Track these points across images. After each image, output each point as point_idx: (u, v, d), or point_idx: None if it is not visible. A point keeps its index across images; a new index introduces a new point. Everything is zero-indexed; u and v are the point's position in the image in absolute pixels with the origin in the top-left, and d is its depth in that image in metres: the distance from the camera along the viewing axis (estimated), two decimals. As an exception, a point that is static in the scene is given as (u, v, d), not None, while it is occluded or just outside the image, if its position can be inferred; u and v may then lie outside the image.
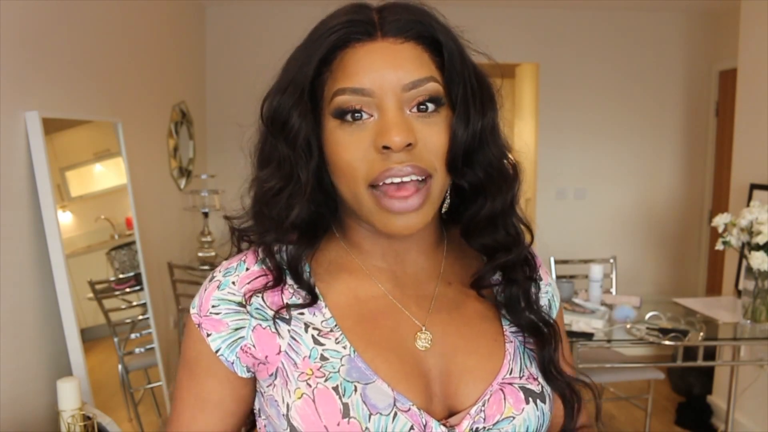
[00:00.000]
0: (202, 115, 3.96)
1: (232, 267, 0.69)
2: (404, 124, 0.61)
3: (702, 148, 4.26)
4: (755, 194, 2.89)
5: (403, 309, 0.69)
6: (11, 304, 1.80)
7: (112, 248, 2.42)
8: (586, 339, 2.32)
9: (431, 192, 0.63)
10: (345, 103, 0.62)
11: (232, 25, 4.03)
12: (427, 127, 0.62)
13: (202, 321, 0.67)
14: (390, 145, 0.60)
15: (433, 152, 0.63)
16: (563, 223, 4.29)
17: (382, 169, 0.61)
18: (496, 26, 4.08)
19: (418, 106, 0.62)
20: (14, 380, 1.80)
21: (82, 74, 2.31)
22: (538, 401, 0.68)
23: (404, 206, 0.61)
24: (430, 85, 0.62)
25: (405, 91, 0.61)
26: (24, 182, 1.89)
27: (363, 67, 0.61)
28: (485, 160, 0.66)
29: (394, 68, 0.61)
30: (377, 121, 0.61)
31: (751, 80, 3.09)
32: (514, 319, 0.72)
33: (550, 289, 0.80)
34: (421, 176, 0.62)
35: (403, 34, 0.63)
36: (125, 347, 2.38)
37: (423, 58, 0.63)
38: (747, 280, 2.49)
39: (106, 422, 1.70)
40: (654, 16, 4.16)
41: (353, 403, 0.62)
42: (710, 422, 3.35)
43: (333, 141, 0.63)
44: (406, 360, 0.66)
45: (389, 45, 0.62)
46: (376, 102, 0.61)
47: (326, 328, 0.66)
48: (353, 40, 0.63)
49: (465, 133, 0.64)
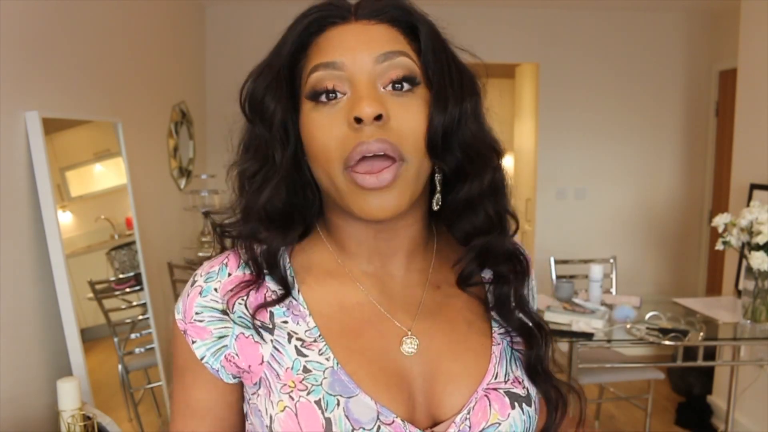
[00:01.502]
0: (202, 115, 3.96)
1: (214, 271, 0.67)
2: (375, 97, 0.60)
3: (702, 148, 4.27)
4: (755, 194, 2.89)
5: (389, 316, 0.68)
6: (11, 304, 1.80)
7: (112, 248, 2.42)
8: (586, 339, 2.32)
9: (404, 173, 0.61)
10: (318, 82, 0.62)
11: (232, 25, 4.03)
12: (402, 107, 0.61)
13: (187, 327, 0.66)
14: (360, 116, 0.59)
15: (408, 133, 0.61)
16: (563, 223, 4.29)
17: (353, 145, 0.60)
18: (496, 26, 4.08)
19: (393, 84, 0.62)
20: (14, 380, 1.80)
21: (82, 74, 2.31)
22: (524, 405, 0.67)
23: (377, 182, 0.60)
24: (404, 60, 0.62)
25: (377, 64, 0.61)
26: (24, 182, 1.89)
27: (334, 43, 0.62)
28: (463, 142, 0.64)
29: (365, 42, 0.62)
30: (350, 97, 0.61)
31: (751, 80, 3.09)
32: (504, 320, 0.71)
33: (533, 286, 0.79)
34: (393, 153, 0.60)
35: (376, 17, 0.64)
36: (125, 347, 2.38)
37: (397, 38, 0.64)
38: (747, 280, 2.49)
39: (106, 422, 1.70)
40: (654, 16, 4.16)
41: (335, 417, 0.61)
42: (710, 422, 3.35)
43: (309, 123, 0.63)
44: (390, 370, 0.65)
45: (362, 25, 0.63)
46: (347, 76, 0.61)
47: (310, 338, 0.65)
48: (328, 24, 0.64)
49: (442, 117, 0.62)
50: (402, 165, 0.61)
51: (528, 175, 4.53)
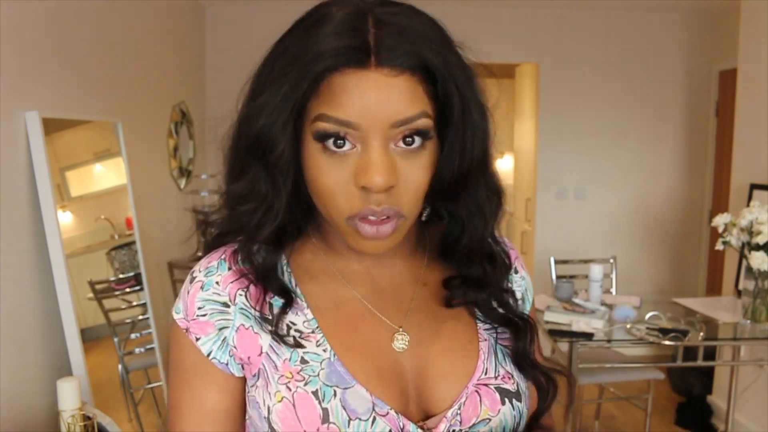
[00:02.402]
0: (202, 115, 3.96)
1: (213, 266, 0.68)
2: (387, 164, 0.58)
3: (702, 148, 4.26)
4: (755, 194, 2.89)
5: (379, 313, 0.69)
6: (11, 304, 1.80)
7: (112, 248, 2.42)
8: (586, 339, 2.32)
9: (401, 227, 0.63)
10: (329, 130, 0.58)
11: (232, 25, 4.03)
12: (410, 164, 0.60)
13: (189, 325, 0.66)
14: (371, 188, 0.58)
15: (413, 190, 0.61)
16: (563, 223, 4.29)
17: (361, 207, 0.60)
18: (496, 26, 4.08)
19: (404, 139, 0.59)
20: (14, 380, 1.80)
21: (82, 74, 2.31)
22: (514, 401, 0.68)
23: (376, 233, 0.61)
24: (421, 122, 0.59)
25: (393, 129, 0.58)
26: (24, 182, 1.89)
27: (351, 98, 0.57)
28: (468, 199, 0.66)
29: (385, 104, 0.57)
30: (360, 156, 0.59)
31: (751, 80, 3.09)
32: (486, 316, 0.72)
33: (524, 282, 0.79)
34: (396, 216, 0.61)
35: (398, 65, 0.57)
36: (125, 347, 2.38)
37: (417, 92, 0.58)
38: (747, 280, 2.49)
39: (106, 422, 1.70)
40: (654, 16, 4.16)
41: (332, 408, 0.62)
42: (710, 422, 3.35)
43: (314, 164, 0.61)
44: (383, 364, 0.66)
45: (382, 77, 0.57)
46: (361, 135, 0.58)
47: (308, 330, 0.66)
48: (345, 65, 0.57)
49: (453, 168, 0.63)
50: (401, 220, 0.62)
51: (528, 175, 4.53)
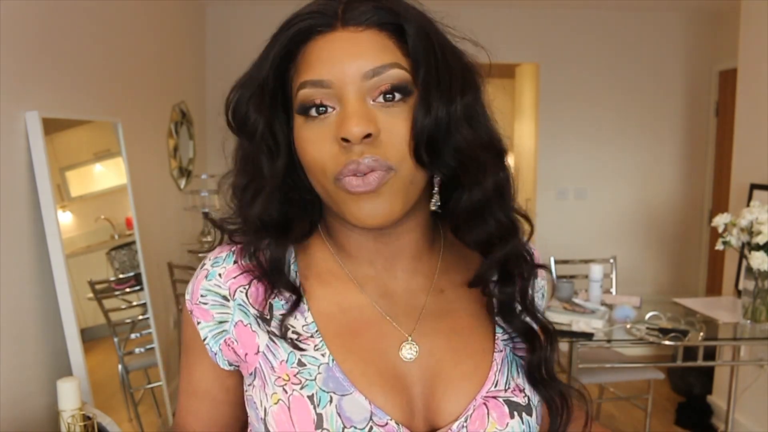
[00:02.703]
0: (202, 115, 3.96)
1: (221, 257, 0.68)
2: (364, 114, 0.58)
3: (702, 148, 4.26)
4: (755, 194, 2.89)
5: (390, 319, 0.66)
6: (11, 304, 1.80)
7: (112, 248, 2.42)
8: (586, 339, 2.32)
9: (393, 181, 0.59)
10: (307, 98, 0.60)
11: (232, 25, 4.03)
12: (392, 117, 0.59)
13: (193, 308, 0.68)
14: (348, 137, 0.57)
15: (397, 143, 0.59)
16: (563, 223, 4.29)
17: (344, 162, 0.58)
18: (496, 26, 4.08)
19: (384, 95, 0.59)
20: (14, 380, 1.80)
21: (82, 74, 2.31)
22: (524, 414, 0.65)
23: (362, 184, 0.58)
24: (394, 72, 0.59)
25: (366, 80, 0.59)
26: (24, 182, 1.89)
27: (321, 58, 0.59)
28: (454, 147, 0.61)
29: (353, 57, 0.59)
30: (339, 113, 0.59)
31: (751, 80, 3.09)
32: (508, 324, 0.69)
33: (541, 286, 0.77)
34: (383, 169, 0.59)
35: (363, 22, 0.60)
36: (125, 347, 2.38)
37: (387, 45, 0.60)
38: (747, 280, 2.49)
39: (106, 422, 1.70)
40: (654, 16, 4.16)
41: (327, 414, 0.61)
42: (710, 422, 3.35)
43: (300, 138, 0.62)
44: (387, 373, 0.64)
45: (349, 34, 0.59)
46: (336, 93, 0.59)
47: (306, 333, 0.65)
48: (314, 32, 0.60)
49: (426, 119, 0.59)
50: (390, 173, 0.59)
51: (528, 175, 4.53)
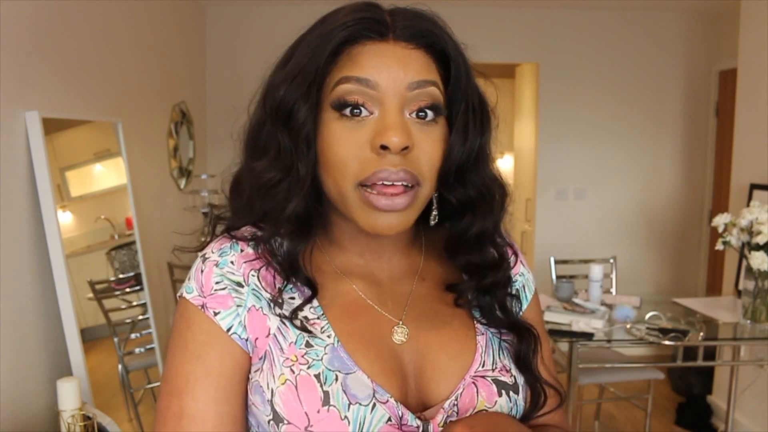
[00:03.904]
0: (202, 115, 3.96)
1: (226, 247, 0.68)
2: (404, 126, 0.61)
3: (702, 148, 4.27)
4: (755, 194, 2.89)
5: (378, 307, 0.70)
6: (11, 304, 1.80)
7: (112, 248, 2.43)
8: (586, 339, 2.32)
9: (417, 198, 0.64)
10: (347, 93, 0.61)
11: (232, 25, 4.03)
12: (424, 135, 0.63)
13: (206, 301, 0.65)
14: (389, 145, 0.60)
15: (426, 161, 0.63)
16: (563, 223, 4.29)
17: (376, 169, 0.61)
18: (496, 26, 4.08)
19: (418, 112, 0.63)
20: (14, 380, 1.80)
21: (82, 74, 2.31)
22: (511, 393, 0.69)
23: (391, 204, 0.61)
24: (433, 89, 0.63)
25: (409, 91, 0.62)
26: (24, 182, 1.89)
27: (371, 60, 0.61)
28: (478, 180, 0.68)
29: (403, 67, 0.61)
30: (377, 120, 0.61)
31: (751, 80, 3.09)
32: (488, 321, 0.73)
33: (522, 279, 0.79)
34: (411, 183, 0.62)
35: (414, 41, 0.63)
36: (125, 347, 2.38)
37: (430, 65, 0.64)
38: (747, 280, 2.49)
39: (106, 422, 1.70)
40: (654, 16, 4.16)
41: (333, 391, 0.63)
42: (710, 422, 3.35)
43: (329, 134, 0.62)
44: (384, 355, 0.67)
45: (400, 48, 0.62)
46: (379, 96, 0.61)
47: (314, 316, 0.67)
48: (364, 37, 0.62)
49: (462, 149, 0.65)
50: (418, 189, 0.63)
51: (528, 175, 4.53)
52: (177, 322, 0.68)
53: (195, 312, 0.66)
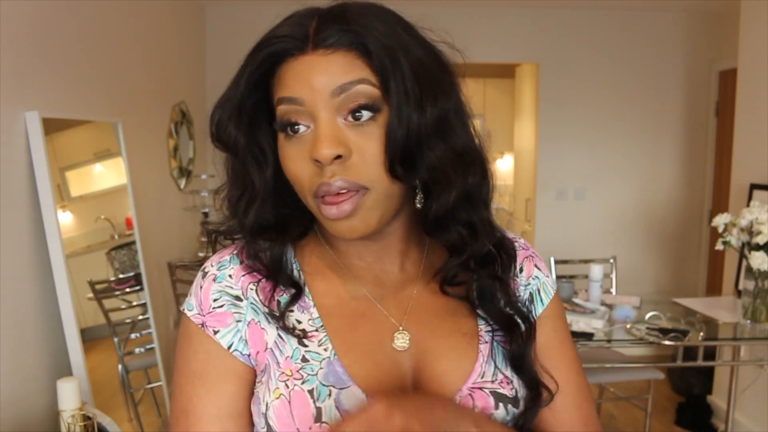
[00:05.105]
0: (202, 115, 3.96)
1: (225, 260, 0.69)
2: (333, 136, 0.60)
3: (702, 148, 4.27)
4: (755, 194, 2.89)
5: (382, 309, 0.69)
6: (11, 304, 1.80)
7: (112, 248, 2.43)
8: (586, 339, 2.32)
9: (366, 201, 0.61)
10: (284, 114, 0.62)
11: (232, 25, 4.03)
12: (363, 137, 0.61)
13: (205, 319, 0.66)
14: (319, 159, 0.59)
15: (369, 164, 0.61)
16: (563, 223, 4.29)
17: (318, 183, 0.61)
18: (496, 26, 4.08)
19: (353, 114, 0.60)
20: (14, 380, 1.80)
21: (82, 74, 2.31)
22: (510, 406, 0.67)
23: (338, 212, 0.61)
24: (362, 87, 0.60)
25: (334, 97, 0.60)
26: (24, 182, 1.89)
27: (294, 77, 0.61)
28: (426, 162, 0.62)
29: (321, 74, 0.60)
30: (312, 132, 0.61)
31: (751, 80, 3.09)
32: (488, 315, 0.70)
33: (537, 282, 0.77)
34: (354, 189, 0.61)
35: (333, 45, 0.61)
36: (125, 347, 2.38)
37: (355, 63, 0.60)
38: (747, 280, 2.49)
39: (106, 422, 1.70)
40: (654, 16, 4.16)
41: (326, 408, 0.62)
42: (710, 422, 3.35)
43: (282, 153, 0.64)
44: (384, 364, 0.66)
45: (318, 57, 0.61)
46: (308, 111, 0.61)
47: (312, 328, 0.67)
48: (288, 54, 0.62)
49: (398, 132, 0.60)
50: (364, 194, 0.61)
51: (528, 175, 4.53)
52: (180, 339, 0.68)
53: (195, 330, 0.67)
